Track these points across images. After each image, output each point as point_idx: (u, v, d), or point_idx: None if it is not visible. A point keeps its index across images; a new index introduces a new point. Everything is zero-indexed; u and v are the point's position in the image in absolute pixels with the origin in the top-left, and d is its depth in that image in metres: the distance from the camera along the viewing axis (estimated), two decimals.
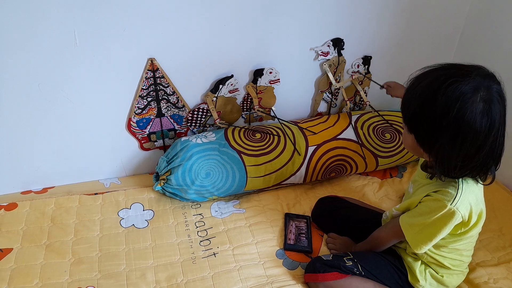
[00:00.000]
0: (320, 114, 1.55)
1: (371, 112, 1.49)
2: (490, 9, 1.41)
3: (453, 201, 0.83)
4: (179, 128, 1.40)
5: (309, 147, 1.34)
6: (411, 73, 0.84)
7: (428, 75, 0.81)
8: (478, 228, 0.92)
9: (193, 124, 1.39)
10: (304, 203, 1.32)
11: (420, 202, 0.91)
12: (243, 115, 1.46)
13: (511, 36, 1.34)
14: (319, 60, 1.41)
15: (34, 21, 1.04)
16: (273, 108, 1.45)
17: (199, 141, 1.29)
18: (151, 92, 1.27)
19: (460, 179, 0.85)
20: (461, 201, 0.84)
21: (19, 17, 1.02)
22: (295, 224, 1.22)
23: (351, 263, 0.99)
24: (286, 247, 1.15)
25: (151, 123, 1.34)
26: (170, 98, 1.31)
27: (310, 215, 1.27)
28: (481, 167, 0.82)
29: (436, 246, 0.94)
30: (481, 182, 0.87)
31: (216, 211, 1.27)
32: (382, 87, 1.35)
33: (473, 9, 1.46)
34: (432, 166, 0.87)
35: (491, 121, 0.76)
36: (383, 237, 1.03)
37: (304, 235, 1.19)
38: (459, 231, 0.89)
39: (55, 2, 1.03)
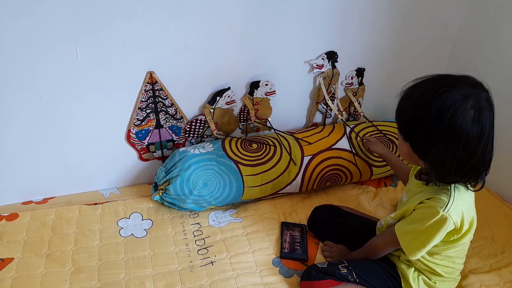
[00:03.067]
0: (315, 125, 1.59)
1: (365, 122, 1.53)
2: (481, 18, 1.44)
3: (445, 208, 0.86)
4: (178, 139, 1.42)
5: (304, 157, 1.36)
6: (404, 84, 0.88)
7: (420, 86, 0.85)
8: (470, 236, 0.94)
9: (191, 135, 1.42)
10: (300, 212, 1.34)
11: (414, 209, 0.93)
12: (240, 126, 1.49)
13: (501, 46, 1.38)
14: (313, 73, 1.45)
15: (37, 36, 1.07)
16: (269, 119, 1.48)
17: (197, 151, 1.32)
18: (150, 104, 1.30)
19: (452, 186, 0.88)
20: (453, 208, 0.87)
21: (22, 32, 1.06)
22: (291, 232, 1.25)
23: (345, 271, 1.01)
24: (282, 255, 1.17)
25: (150, 134, 1.37)
26: (168, 110, 1.34)
27: (306, 223, 1.29)
28: (474, 173, 0.85)
29: (430, 254, 0.96)
30: (471, 189, 0.90)
31: (214, 220, 1.29)
32: (362, 139, 1.41)
33: (465, 19, 1.50)
34: (427, 172, 0.90)
35: (482, 127, 0.80)
36: (380, 246, 1.05)
37: (299, 244, 1.21)
38: (452, 238, 0.92)
39: (58, 18, 1.07)
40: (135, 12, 1.13)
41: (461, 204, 0.88)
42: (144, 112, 1.31)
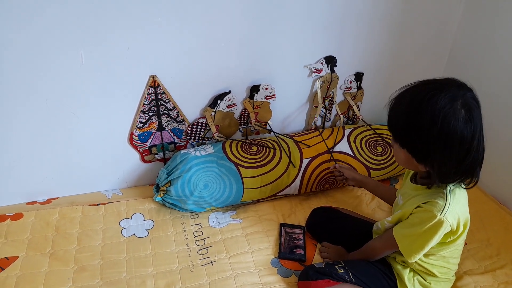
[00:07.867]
0: (315, 128, 1.61)
1: (364, 126, 1.55)
2: (479, 22, 1.46)
3: (442, 211, 0.88)
4: (179, 141, 1.45)
5: (303, 160, 1.39)
6: (391, 94, 0.90)
7: (408, 93, 0.88)
8: (464, 236, 0.96)
9: (193, 137, 1.45)
10: (299, 214, 1.36)
11: (411, 213, 0.95)
12: (240, 129, 1.51)
13: (499, 49, 1.40)
14: (313, 77, 1.48)
15: (44, 41, 1.10)
16: (269, 122, 1.50)
17: (198, 153, 1.35)
18: (153, 107, 1.33)
19: (448, 190, 0.90)
20: (450, 211, 0.89)
21: (29, 37, 1.09)
22: (290, 233, 1.27)
23: (342, 271, 1.03)
24: (281, 255, 1.19)
25: (152, 136, 1.40)
26: (170, 113, 1.37)
27: (304, 225, 1.31)
28: (471, 170, 0.87)
29: (425, 254, 0.98)
30: (464, 186, 0.91)
31: (214, 221, 1.32)
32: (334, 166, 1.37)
33: (462, 23, 1.53)
34: (427, 176, 0.93)
35: (474, 125, 0.83)
36: (378, 248, 1.07)
37: (298, 245, 1.23)
38: (448, 240, 0.94)
39: (64, 23, 1.09)
40: (138, 17, 1.15)
41: (457, 207, 0.90)
42: (146, 115, 1.34)
